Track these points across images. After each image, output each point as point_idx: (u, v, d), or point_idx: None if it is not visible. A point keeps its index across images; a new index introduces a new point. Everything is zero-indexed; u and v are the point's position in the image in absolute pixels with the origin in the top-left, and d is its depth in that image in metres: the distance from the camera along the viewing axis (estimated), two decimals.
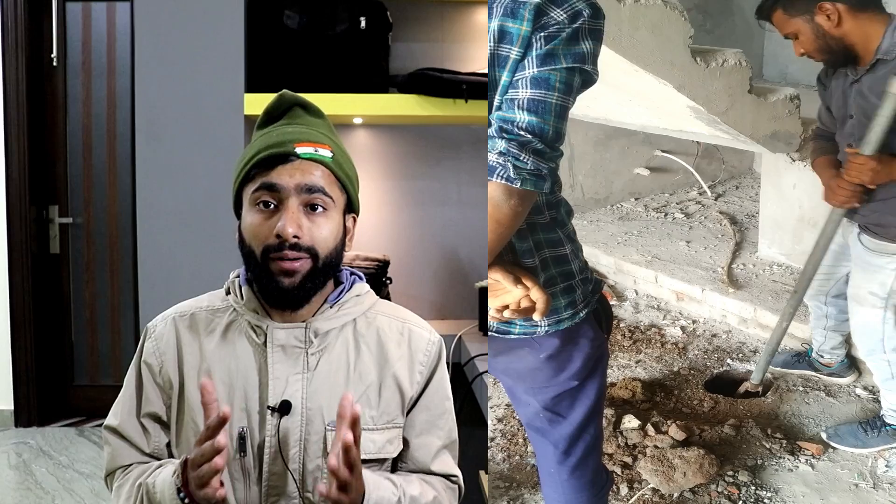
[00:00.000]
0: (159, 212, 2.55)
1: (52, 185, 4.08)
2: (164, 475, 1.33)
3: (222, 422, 1.20)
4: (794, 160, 3.56)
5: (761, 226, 3.97)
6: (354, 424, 1.23)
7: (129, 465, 1.44)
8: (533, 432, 1.83)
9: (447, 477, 1.52)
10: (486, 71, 1.38)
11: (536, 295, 1.40)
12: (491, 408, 3.01)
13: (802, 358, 3.20)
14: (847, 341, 3.08)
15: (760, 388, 3.08)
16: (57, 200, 4.09)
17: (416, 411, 1.49)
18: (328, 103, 2.12)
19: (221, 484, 1.25)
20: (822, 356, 3.12)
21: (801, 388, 3.10)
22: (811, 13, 2.37)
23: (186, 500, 1.27)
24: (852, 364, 3.13)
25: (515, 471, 2.70)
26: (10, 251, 3.93)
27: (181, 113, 2.52)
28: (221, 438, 1.19)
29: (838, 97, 2.54)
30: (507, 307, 1.43)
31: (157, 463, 1.42)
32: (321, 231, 1.37)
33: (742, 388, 3.10)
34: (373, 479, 1.35)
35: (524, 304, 1.41)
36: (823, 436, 2.77)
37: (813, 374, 3.16)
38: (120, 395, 1.48)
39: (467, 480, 1.58)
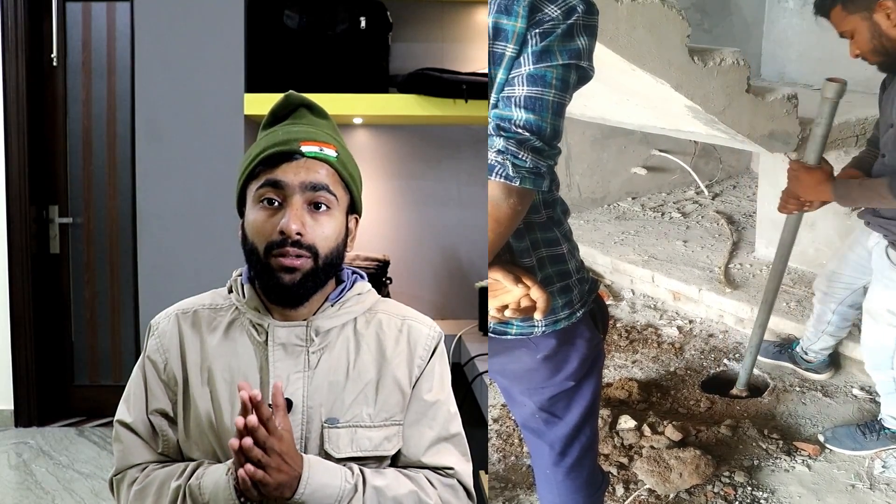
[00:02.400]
0: (159, 212, 2.55)
1: (52, 185, 4.09)
2: (215, 477, 1.33)
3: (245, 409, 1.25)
4: (791, 160, 3.56)
5: (758, 226, 3.98)
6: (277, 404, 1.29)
7: (142, 465, 1.44)
8: (529, 433, 1.83)
9: (441, 469, 1.50)
10: (486, 71, 1.39)
11: (536, 294, 1.40)
12: (488, 408, 3.02)
13: (785, 350, 3.22)
14: (836, 346, 3.10)
15: (746, 392, 3.10)
16: (57, 200, 4.10)
17: (409, 402, 1.48)
18: (328, 103, 2.13)
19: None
20: (806, 353, 3.14)
21: (797, 389, 3.11)
22: (871, 10, 2.31)
23: (242, 500, 1.29)
24: (832, 362, 3.15)
25: (511, 471, 2.71)
26: (10, 251, 3.94)
27: (181, 113, 2.53)
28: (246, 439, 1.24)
29: (886, 104, 2.49)
30: (506, 307, 1.43)
31: (184, 465, 1.41)
32: (324, 229, 1.38)
33: (733, 392, 3.13)
34: (319, 464, 1.35)
35: (524, 303, 1.41)
36: (821, 438, 2.77)
37: (791, 366, 3.19)
38: (129, 392, 1.48)
39: None
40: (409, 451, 1.48)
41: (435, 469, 1.49)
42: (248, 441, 1.23)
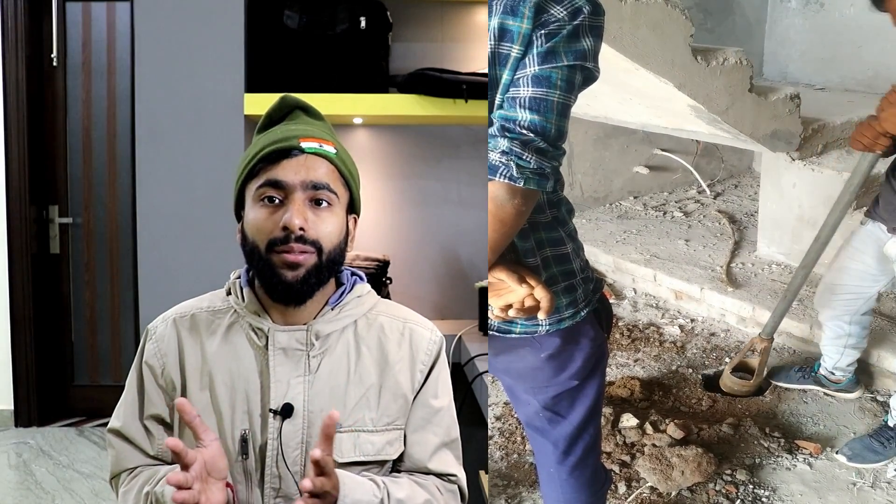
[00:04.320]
0: (159, 212, 2.55)
1: (52, 185, 4.08)
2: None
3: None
4: (793, 159, 3.57)
5: (760, 225, 3.98)
6: (328, 436, 1.26)
7: (135, 469, 1.44)
8: (532, 432, 1.83)
9: (446, 476, 1.51)
10: (486, 71, 1.39)
11: (541, 294, 1.40)
12: (489, 406, 3.02)
13: (808, 374, 3.07)
14: (860, 359, 2.97)
15: (770, 341, 2.93)
16: (57, 200, 4.09)
17: (413, 408, 1.48)
18: (328, 103, 2.13)
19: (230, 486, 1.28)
20: (833, 373, 2.98)
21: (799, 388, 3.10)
22: None
23: None
24: (859, 380, 3.03)
25: (513, 469, 2.71)
26: (10, 251, 3.94)
27: (181, 113, 2.52)
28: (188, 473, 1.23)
29: None
30: (510, 306, 1.43)
31: (163, 469, 1.41)
32: (326, 226, 1.37)
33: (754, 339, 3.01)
34: (351, 481, 1.34)
35: (528, 303, 1.41)
36: (843, 459, 2.67)
37: (819, 389, 3.04)
38: (122, 397, 1.47)
39: (467, 481, 1.56)
40: (415, 457, 1.48)
41: (438, 475, 1.49)
42: None
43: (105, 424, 4.06)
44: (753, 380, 3.00)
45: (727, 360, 3.32)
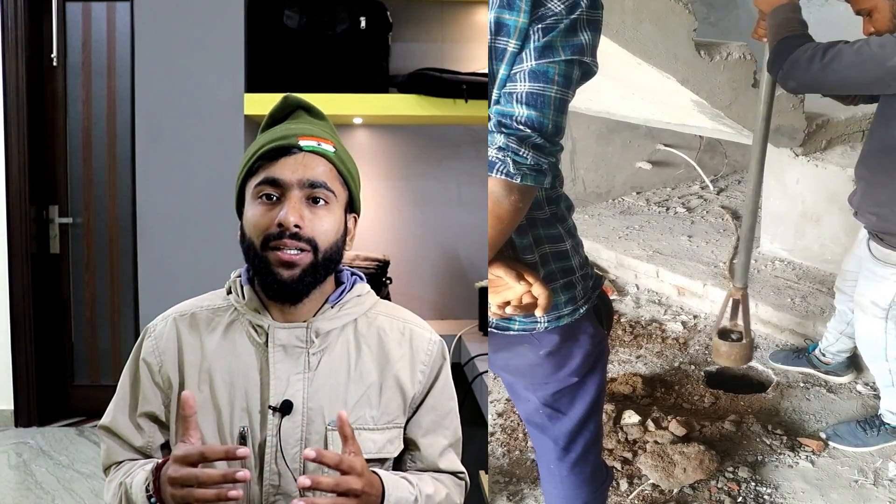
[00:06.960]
0: (159, 212, 2.54)
1: (52, 185, 4.08)
2: (139, 480, 1.35)
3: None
4: (797, 155, 3.55)
5: (763, 221, 3.97)
6: (346, 436, 1.29)
7: (121, 462, 1.46)
8: (533, 428, 1.83)
9: (454, 474, 1.54)
10: (486, 71, 1.38)
11: (538, 291, 1.39)
12: (491, 402, 3.02)
13: (802, 354, 3.17)
14: (854, 349, 3.00)
15: (745, 285, 2.91)
16: (57, 200, 4.10)
17: (423, 411, 1.50)
18: (328, 103, 2.13)
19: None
20: (824, 355, 3.08)
21: (801, 385, 3.10)
22: None
23: (153, 501, 1.30)
24: (851, 363, 3.08)
25: (515, 466, 2.71)
26: (10, 251, 3.94)
27: (181, 113, 2.52)
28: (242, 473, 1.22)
29: None
30: (508, 303, 1.42)
31: (140, 462, 1.43)
32: (322, 224, 1.38)
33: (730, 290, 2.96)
34: (391, 480, 1.37)
35: (526, 300, 1.40)
36: (823, 436, 2.76)
37: (811, 370, 3.12)
38: (116, 393, 1.49)
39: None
40: (427, 459, 1.51)
41: (448, 473, 1.54)
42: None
43: None
44: (745, 338, 2.87)
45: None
